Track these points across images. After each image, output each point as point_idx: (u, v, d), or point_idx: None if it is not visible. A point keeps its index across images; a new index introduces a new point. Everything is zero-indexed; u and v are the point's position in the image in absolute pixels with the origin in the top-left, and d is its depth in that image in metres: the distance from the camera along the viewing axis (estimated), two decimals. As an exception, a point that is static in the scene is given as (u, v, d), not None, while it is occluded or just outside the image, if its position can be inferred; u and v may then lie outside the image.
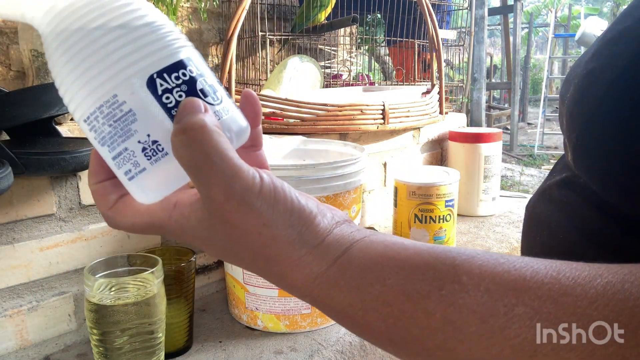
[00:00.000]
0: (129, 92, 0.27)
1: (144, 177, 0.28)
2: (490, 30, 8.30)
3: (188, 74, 0.28)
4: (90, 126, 0.28)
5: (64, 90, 0.28)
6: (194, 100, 0.28)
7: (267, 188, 0.28)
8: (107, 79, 0.27)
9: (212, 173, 0.27)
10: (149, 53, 0.27)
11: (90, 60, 0.27)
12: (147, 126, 0.27)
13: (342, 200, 0.69)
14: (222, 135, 0.27)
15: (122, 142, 0.28)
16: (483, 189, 1.20)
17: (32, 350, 0.66)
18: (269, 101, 0.96)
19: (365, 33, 1.46)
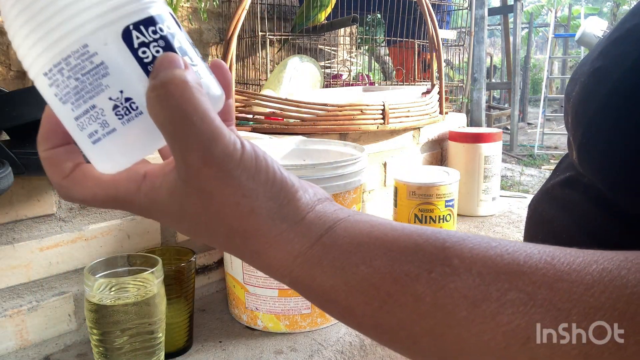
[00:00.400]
0: (101, 43, 0.24)
1: (112, 139, 0.25)
2: (490, 30, 8.29)
3: (166, 29, 0.26)
4: (51, 80, 0.25)
5: (20, 39, 0.25)
6: (174, 54, 0.25)
7: (249, 156, 0.26)
8: (76, 26, 0.24)
9: (190, 134, 0.24)
10: (124, 3, 0.25)
11: (58, 4, 0.24)
12: (121, 81, 0.25)
13: (342, 200, 0.69)
14: (203, 94, 0.25)
15: (89, 99, 0.25)
16: (483, 189, 1.20)
17: (32, 350, 0.66)
18: (269, 101, 0.96)
19: (365, 33, 1.46)
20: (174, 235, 0.78)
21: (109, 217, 0.71)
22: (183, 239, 0.79)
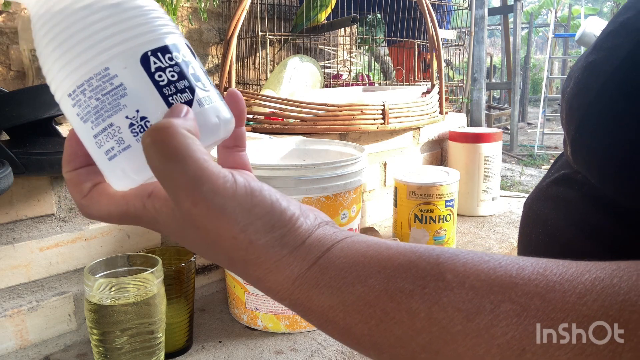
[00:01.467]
0: (121, 66, 0.26)
1: (127, 155, 0.27)
2: (490, 30, 8.29)
3: (181, 57, 0.28)
4: (74, 101, 0.27)
5: (49, 65, 0.27)
6: (179, 105, 0.27)
7: (243, 190, 0.27)
8: (99, 51, 0.26)
9: (176, 175, 0.25)
10: (143, 32, 0.27)
11: (83, 34, 0.26)
12: (137, 101, 0.27)
13: (342, 200, 0.69)
14: (189, 137, 0.26)
15: (108, 117, 0.27)
16: (483, 189, 1.20)
17: (32, 350, 0.66)
18: (269, 101, 0.96)
19: (365, 33, 1.46)
20: (174, 235, 0.78)
21: (109, 217, 0.71)
22: (183, 239, 0.79)
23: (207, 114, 0.28)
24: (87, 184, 0.30)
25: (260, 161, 0.84)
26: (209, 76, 0.31)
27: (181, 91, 0.27)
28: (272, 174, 0.65)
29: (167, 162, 0.25)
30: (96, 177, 0.30)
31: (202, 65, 0.30)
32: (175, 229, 0.28)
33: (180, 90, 0.27)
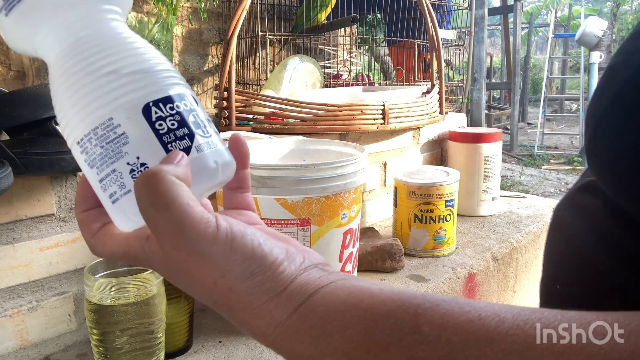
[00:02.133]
0: (124, 116, 0.28)
1: (128, 199, 0.29)
2: (490, 30, 8.29)
3: (182, 107, 0.30)
4: (82, 148, 0.29)
5: (62, 115, 0.30)
6: (174, 152, 0.28)
7: (224, 236, 0.27)
8: (104, 103, 0.28)
9: (160, 220, 0.26)
10: (148, 84, 0.29)
11: (90, 87, 0.28)
12: (138, 149, 0.28)
13: (342, 200, 0.69)
14: (176, 184, 0.27)
15: (111, 164, 0.29)
16: (483, 189, 1.20)
17: (32, 350, 0.66)
18: (269, 101, 0.96)
19: (365, 33, 1.46)
20: (174, 235, 0.78)
21: (109, 217, 0.71)
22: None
23: (205, 159, 0.30)
24: (96, 224, 0.32)
25: (260, 161, 0.84)
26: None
27: (180, 138, 0.29)
28: (272, 174, 0.65)
29: (152, 207, 0.26)
30: (104, 218, 0.32)
31: (205, 112, 0.31)
32: (165, 271, 0.29)
33: (179, 137, 0.29)
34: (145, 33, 0.91)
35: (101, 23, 0.30)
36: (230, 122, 0.95)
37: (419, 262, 0.96)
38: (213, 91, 1.29)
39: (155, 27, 0.91)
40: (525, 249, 1.10)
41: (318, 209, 0.67)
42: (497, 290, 1.03)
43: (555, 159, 5.37)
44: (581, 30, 4.65)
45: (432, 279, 0.89)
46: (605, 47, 4.59)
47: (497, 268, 1.01)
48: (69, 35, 0.29)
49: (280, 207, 0.66)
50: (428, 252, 0.98)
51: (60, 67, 0.29)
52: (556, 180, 4.43)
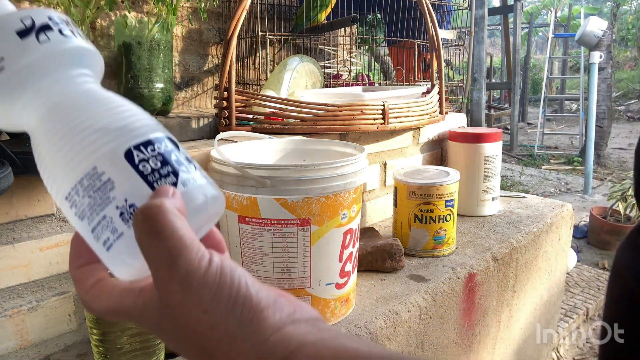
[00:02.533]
0: (108, 163, 0.29)
1: (121, 242, 0.29)
2: (490, 30, 8.29)
3: (163, 147, 0.30)
4: (70, 202, 0.30)
5: (47, 175, 0.30)
6: (165, 186, 0.29)
7: (213, 272, 0.27)
8: (87, 155, 0.29)
9: (159, 250, 0.26)
10: (126, 132, 0.30)
11: (71, 143, 0.29)
12: (125, 192, 0.29)
13: (342, 200, 0.69)
14: (177, 215, 0.27)
15: (100, 211, 0.29)
16: (483, 189, 1.20)
17: (32, 350, 0.66)
18: (269, 101, 0.96)
19: (365, 33, 1.46)
20: (174, 235, 0.78)
21: (109, 217, 0.71)
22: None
23: (193, 193, 0.30)
24: (90, 280, 0.31)
25: (260, 161, 0.84)
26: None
27: (165, 176, 0.30)
28: (272, 174, 0.65)
29: (151, 239, 0.26)
30: (98, 273, 0.32)
31: (186, 152, 0.32)
32: (155, 318, 0.28)
33: (164, 175, 0.30)
34: (145, 33, 0.91)
35: (75, 87, 0.31)
36: (230, 122, 0.95)
37: (419, 262, 0.96)
38: (213, 91, 1.29)
39: (155, 27, 0.91)
40: (525, 249, 1.10)
41: (318, 209, 0.67)
42: (497, 290, 1.03)
43: (555, 159, 5.36)
44: (581, 30, 4.65)
45: (432, 279, 0.89)
46: (605, 47, 4.58)
47: (497, 268, 1.01)
48: (46, 102, 0.30)
49: (280, 207, 0.66)
50: (428, 252, 0.98)
51: (40, 132, 0.30)
52: (556, 180, 4.43)
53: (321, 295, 0.71)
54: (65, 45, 0.31)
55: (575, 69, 9.27)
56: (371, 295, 0.83)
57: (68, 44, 0.31)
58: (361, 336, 0.72)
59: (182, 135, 0.94)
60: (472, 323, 0.98)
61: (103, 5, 0.81)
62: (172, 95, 0.96)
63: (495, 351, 1.08)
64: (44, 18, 0.31)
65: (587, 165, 3.99)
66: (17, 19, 0.30)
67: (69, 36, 0.31)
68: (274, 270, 0.68)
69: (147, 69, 0.91)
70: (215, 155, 0.70)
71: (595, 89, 4.09)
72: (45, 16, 0.31)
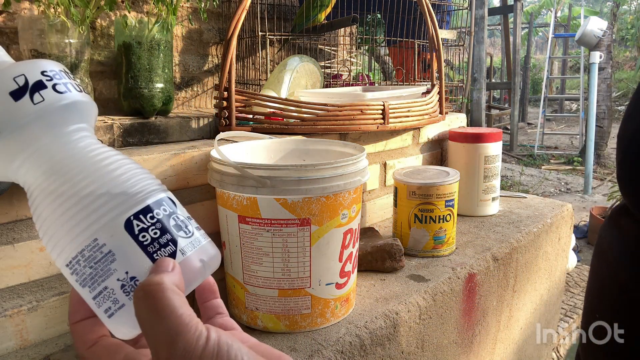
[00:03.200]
0: (108, 235, 0.29)
1: (122, 313, 0.30)
2: (490, 30, 8.29)
3: (162, 212, 0.31)
4: (72, 270, 0.30)
5: (47, 239, 0.30)
6: (165, 260, 0.30)
7: (210, 349, 0.27)
8: (88, 225, 0.29)
9: (158, 329, 0.27)
10: (125, 199, 0.30)
11: (71, 211, 0.29)
12: (126, 264, 0.29)
13: (342, 200, 0.69)
14: (176, 293, 0.28)
15: (102, 282, 0.29)
16: (483, 189, 1.20)
17: (32, 350, 0.66)
18: (269, 101, 0.96)
19: (365, 33, 1.46)
20: (174, 235, 0.78)
21: (109, 217, 0.71)
22: (183, 239, 0.79)
23: (191, 261, 0.31)
24: (92, 336, 0.32)
25: (260, 161, 0.84)
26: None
27: (164, 245, 0.30)
28: (272, 174, 0.65)
29: (151, 317, 0.27)
30: (99, 329, 0.32)
31: (184, 210, 0.33)
32: None
33: (163, 245, 0.30)
34: (145, 33, 0.91)
35: (72, 144, 0.31)
36: (230, 122, 0.95)
37: (419, 262, 0.96)
38: (213, 91, 1.29)
39: (155, 27, 0.91)
40: (525, 249, 1.10)
41: (318, 209, 0.67)
42: (497, 290, 1.03)
43: (555, 159, 5.36)
44: (581, 30, 4.65)
45: (432, 279, 0.89)
46: (605, 47, 4.59)
47: (497, 268, 1.01)
48: (44, 162, 0.30)
49: (280, 207, 0.66)
50: (428, 252, 0.98)
51: (39, 192, 0.30)
52: (556, 180, 4.43)
53: (321, 295, 0.71)
54: (61, 103, 0.31)
55: (575, 69, 9.27)
56: (371, 295, 0.83)
57: (63, 101, 0.31)
58: (361, 336, 0.72)
59: (182, 135, 0.94)
60: (472, 323, 0.98)
61: (103, 5, 0.81)
62: (172, 95, 0.96)
63: (495, 351, 1.08)
64: (36, 74, 0.30)
65: (587, 165, 4.00)
66: (10, 78, 0.30)
67: (64, 92, 0.31)
68: (274, 270, 0.68)
69: (147, 69, 0.91)
70: (215, 155, 0.70)
71: (595, 89, 4.09)
72: (38, 72, 0.30)
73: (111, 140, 0.85)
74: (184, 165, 0.78)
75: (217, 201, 0.73)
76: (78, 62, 0.83)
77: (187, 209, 0.35)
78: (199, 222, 0.36)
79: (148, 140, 0.89)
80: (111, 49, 1.04)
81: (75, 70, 0.82)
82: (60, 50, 0.80)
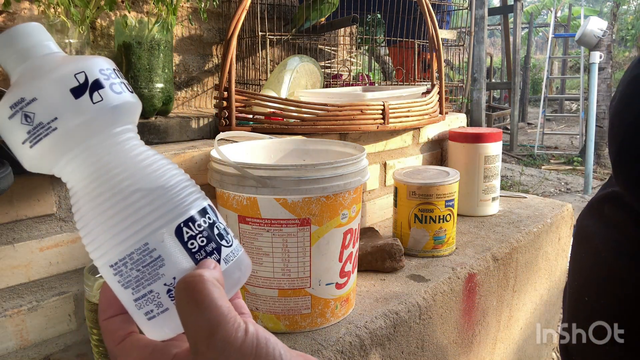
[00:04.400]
0: (159, 240, 0.30)
1: (165, 316, 0.30)
2: (490, 30, 8.29)
3: (207, 221, 0.32)
4: (116, 271, 0.30)
5: (90, 239, 0.30)
6: (207, 260, 0.31)
7: (249, 342, 0.28)
8: (139, 229, 0.30)
9: (198, 320, 0.27)
10: (175, 206, 0.31)
11: (121, 215, 0.30)
12: (174, 270, 0.30)
13: (342, 200, 0.69)
14: (216, 286, 0.28)
15: (148, 285, 0.30)
16: (483, 189, 1.20)
17: (32, 350, 0.66)
18: (269, 101, 0.96)
19: (365, 33, 1.46)
20: (174, 235, 0.78)
21: (109, 217, 0.71)
22: (183, 239, 0.79)
23: (232, 270, 0.32)
24: (121, 332, 0.32)
25: (260, 161, 0.84)
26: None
27: (210, 253, 0.31)
28: (272, 174, 0.65)
29: (192, 308, 0.28)
30: (129, 326, 0.32)
31: (221, 218, 0.34)
32: None
33: (209, 252, 0.31)
34: (145, 33, 0.91)
35: (121, 146, 0.31)
36: (230, 122, 0.95)
37: (419, 262, 0.96)
38: (213, 91, 1.29)
39: (155, 27, 0.91)
40: (525, 249, 1.10)
41: (318, 209, 0.67)
42: (497, 290, 1.03)
43: (555, 159, 5.36)
44: (581, 30, 4.65)
45: (432, 279, 0.89)
46: (605, 47, 4.59)
47: (497, 268, 1.01)
48: (93, 161, 0.31)
49: (280, 207, 0.66)
50: (428, 252, 0.98)
51: (85, 191, 0.30)
52: (556, 180, 4.43)
53: (321, 295, 0.71)
54: (116, 102, 0.31)
55: (575, 69, 9.27)
56: (371, 295, 0.83)
57: (118, 101, 0.31)
58: (361, 336, 0.72)
59: (182, 135, 0.94)
60: (472, 323, 0.98)
61: (103, 5, 0.81)
62: (172, 95, 0.96)
63: (495, 351, 1.08)
64: (96, 72, 0.31)
65: (587, 165, 4.00)
66: (71, 74, 0.30)
67: (120, 92, 0.31)
68: (274, 270, 0.68)
69: (147, 69, 0.91)
70: (215, 155, 0.70)
71: (595, 89, 4.09)
72: (97, 70, 0.31)
73: (111, 140, 0.85)
74: (184, 165, 0.78)
75: (217, 201, 0.73)
76: (78, 62, 0.82)
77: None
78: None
79: (148, 140, 0.89)
80: (111, 49, 1.04)
81: (75, 70, 0.82)
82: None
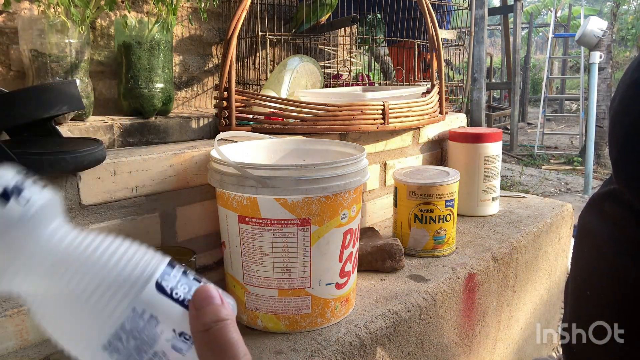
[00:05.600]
0: (145, 301, 0.29)
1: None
2: (490, 30, 8.29)
3: (178, 270, 0.32)
4: (111, 349, 0.29)
5: (68, 335, 0.30)
6: (208, 287, 0.30)
7: None
8: (120, 299, 0.29)
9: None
10: (144, 267, 0.30)
11: (98, 293, 0.29)
12: (170, 323, 0.30)
13: (342, 200, 0.69)
14: (237, 331, 0.28)
15: (150, 348, 0.29)
16: (483, 189, 1.20)
17: (32, 350, 0.66)
18: (269, 101, 0.96)
19: (365, 33, 1.46)
20: (174, 235, 0.78)
21: (108, 217, 0.71)
22: (183, 239, 0.79)
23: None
24: None
25: (260, 161, 0.84)
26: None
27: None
28: (272, 174, 0.65)
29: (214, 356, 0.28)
30: None
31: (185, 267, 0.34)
32: None
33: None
34: (145, 33, 0.91)
35: (59, 241, 0.31)
36: (230, 122, 0.95)
37: (419, 262, 0.96)
38: (213, 91, 1.29)
39: (155, 27, 0.91)
40: (525, 249, 1.10)
41: (318, 209, 0.67)
42: (497, 290, 1.03)
43: (555, 159, 5.36)
44: (581, 30, 4.65)
45: (432, 279, 0.89)
46: (605, 47, 4.59)
47: (497, 268, 1.01)
48: (40, 264, 0.30)
49: (280, 207, 0.66)
50: (428, 252, 0.98)
51: (47, 294, 0.30)
52: (556, 180, 4.43)
53: (321, 295, 0.71)
54: (40, 202, 0.30)
55: (575, 69, 9.27)
56: (371, 295, 0.83)
57: (42, 201, 0.30)
58: (361, 336, 0.72)
59: (182, 135, 0.94)
60: (472, 323, 0.98)
61: (103, 5, 0.81)
62: (172, 95, 0.96)
63: (495, 351, 1.08)
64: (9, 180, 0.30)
65: (587, 165, 4.00)
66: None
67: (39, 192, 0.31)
68: (274, 270, 0.68)
69: (147, 69, 0.91)
70: (215, 155, 0.70)
71: (595, 89, 4.09)
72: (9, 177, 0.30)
73: (111, 140, 0.85)
74: (183, 165, 0.78)
75: (217, 201, 0.73)
76: (78, 62, 0.83)
77: (187, 209, 0.35)
78: (199, 222, 0.36)
79: (148, 140, 0.89)
80: (111, 49, 1.04)
81: (75, 70, 0.82)
82: (60, 50, 0.80)
